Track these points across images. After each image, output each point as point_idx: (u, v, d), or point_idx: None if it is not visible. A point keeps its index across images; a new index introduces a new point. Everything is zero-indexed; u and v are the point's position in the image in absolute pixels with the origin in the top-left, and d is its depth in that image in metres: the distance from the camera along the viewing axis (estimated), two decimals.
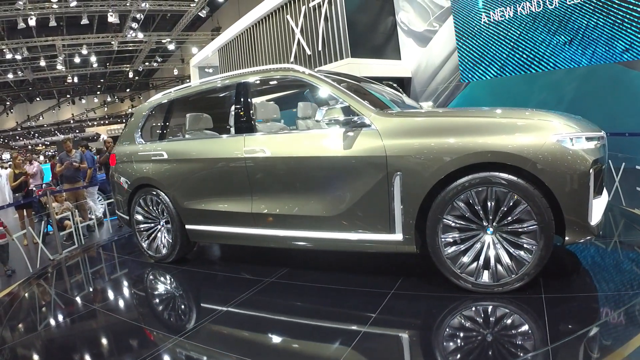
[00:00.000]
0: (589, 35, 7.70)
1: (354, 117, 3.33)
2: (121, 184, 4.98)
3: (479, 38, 9.47)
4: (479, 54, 9.53)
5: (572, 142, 2.77)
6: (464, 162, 2.88)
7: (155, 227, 4.76)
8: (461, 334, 2.61)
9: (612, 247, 3.82)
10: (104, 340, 3.30)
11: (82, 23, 19.54)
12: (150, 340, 3.08)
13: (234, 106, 4.20)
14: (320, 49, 11.28)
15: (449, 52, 10.30)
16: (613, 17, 7.35)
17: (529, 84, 8.70)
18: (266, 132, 4.02)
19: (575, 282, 3.12)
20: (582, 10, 7.72)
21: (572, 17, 7.87)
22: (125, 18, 21.65)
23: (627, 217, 4.72)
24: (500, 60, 9.19)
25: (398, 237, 3.19)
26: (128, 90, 41.27)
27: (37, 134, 43.10)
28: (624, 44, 7.25)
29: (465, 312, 2.82)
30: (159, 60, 32.23)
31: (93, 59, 26.41)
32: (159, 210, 4.65)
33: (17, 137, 43.18)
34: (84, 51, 24.19)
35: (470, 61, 9.73)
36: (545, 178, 2.73)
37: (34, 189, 9.76)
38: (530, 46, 8.62)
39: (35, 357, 3.14)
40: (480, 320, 2.74)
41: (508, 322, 2.66)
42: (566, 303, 2.72)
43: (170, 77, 36.28)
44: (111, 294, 4.23)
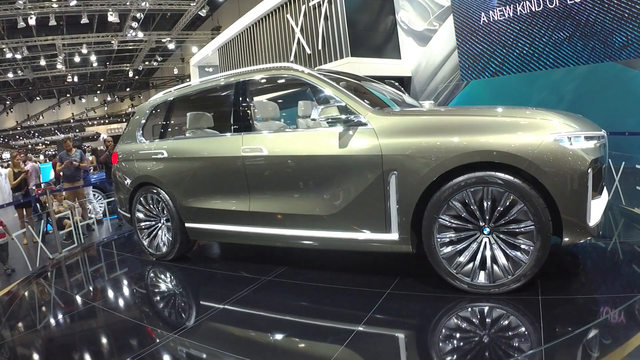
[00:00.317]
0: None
1: (350, 115, 3.32)
2: (123, 182, 5.01)
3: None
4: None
5: (570, 142, 2.73)
6: (459, 161, 2.85)
7: (156, 225, 4.79)
8: (455, 335, 2.59)
9: (612, 247, 3.81)
10: (100, 338, 3.31)
11: (82, 22, 19.49)
12: (146, 337, 3.09)
13: (233, 105, 4.20)
14: (320, 48, 11.29)
15: (449, 51, 10.30)
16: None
17: (529, 83, 8.70)
18: (264, 130, 4.03)
19: (573, 283, 3.08)
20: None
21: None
22: (125, 17, 21.62)
23: (627, 217, 4.72)
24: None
25: (394, 236, 3.18)
26: (128, 89, 41.22)
27: (37, 134, 43.06)
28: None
29: (460, 313, 2.80)
30: (159, 59, 32.20)
31: (93, 58, 26.38)
32: (160, 208, 4.68)
33: (17, 137, 43.17)
34: (84, 50, 24.16)
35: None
36: (542, 178, 2.70)
37: (33, 187, 9.78)
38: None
39: (35, 355, 3.14)
40: (474, 321, 2.71)
41: (503, 323, 2.63)
42: (563, 305, 2.69)
43: (170, 76, 36.24)
44: (109, 292, 4.23)
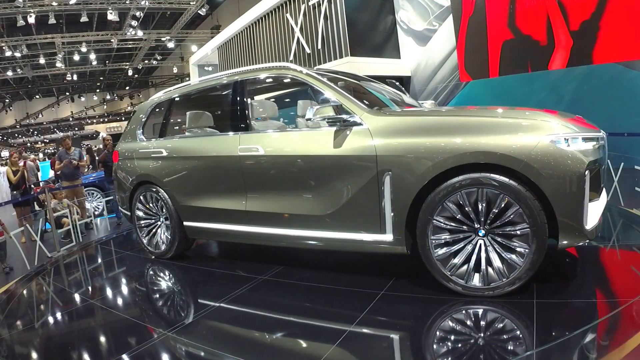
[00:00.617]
0: None
1: (345, 115, 3.31)
2: (123, 180, 5.05)
3: None
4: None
5: (567, 143, 2.69)
6: (454, 162, 2.83)
7: (155, 224, 4.81)
8: (446, 337, 2.58)
9: (610, 249, 3.80)
10: (96, 335, 3.33)
11: (81, 21, 19.47)
12: (141, 335, 3.09)
13: (231, 104, 4.21)
14: (319, 47, 11.28)
15: (449, 51, 10.30)
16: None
17: (529, 83, 8.70)
18: (261, 130, 4.03)
19: (569, 286, 3.05)
20: None
21: None
22: (125, 16, 21.60)
23: (625, 218, 4.71)
24: None
25: (388, 237, 3.16)
26: (127, 88, 41.21)
27: (36, 132, 43.03)
28: None
29: (453, 316, 2.77)
30: (158, 58, 32.16)
31: (92, 56, 26.35)
32: (159, 207, 4.70)
33: (16, 135, 43.15)
34: (84, 49, 24.15)
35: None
36: (537, 180, 2.66)
37: (32, 186, 9.78)
38: None
39: (32, 352, 3.14)
40: (467, 324, 2.69)
41: (495, 326, 2.60)
42: (558, 309, 2.66)
43: (169, 75, 36.25)
44: (107, 290, 4.23)
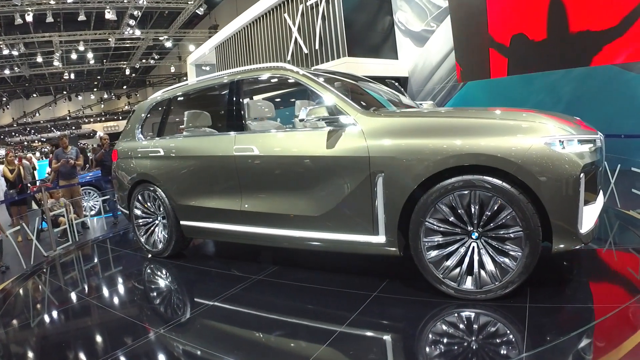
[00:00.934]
0: None
1: (338, 116, 3.30)
2: (121, 179, 5.07)
3: None
4: None
5: (562, 145, 2.66)
6: (446, 164, 2.81)
7: (153, 223, 4.82)
8: (436, 340, 2.57)
9: (607, 251, 3.80)
10: (90, 333, 3.35)
11: (79, 19, 19.42)
12: (134, 333, 3.11)
13: (227, 104, 4.21)
14: (317, 47, 11.27)
15: (446, 52, 10.30)
16: None
17: (527, 84, 8.71)
18: (257, 130, 4.03)
19: (564, 291, 3.03)
20: None
21: None
22: (123, 15, 21.57)
23: (622, 219, 4.73)
24: None
25: (381, 239, 3.15)
26: (125, 87, 41.12)
27: (33, 131, 42.89)
28: None
29: (444, 318, 2.77)
30: (156, 57, 32.10)
31: (90, 55, 26.31)
32: (156, 205, 4.71)
33: (13, 134, 43.02)
34: (81, 48, 24.11)
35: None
36: (531, 182, 2.63)
37: (28, 185, 9.75)
38: None
39: (28, 351, 3.15)
40: (458, 327, 2.68)
41: (486, 330, 2.59)
42: (550, 313, 2.64)
43: (167, 74, 36.19)
44: (103, 289, 4.23)
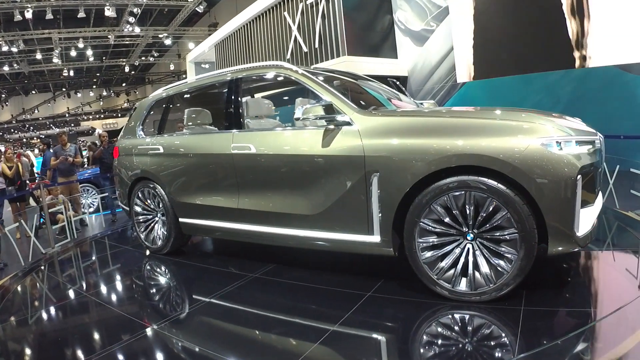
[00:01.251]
0: None
1: (335, 115, 3.28)
2: (122, 176, 5.10)
3: None
4: None
5: (560, 147, 2.63)
6: (441, 164, 2.79)
7: (153, 219, 4.85)
8: (426, 341, 2.56)
9: (605, 253, 3.79)
10: (86, 329, 3.36)
11: (79, 16, 19.43)
12: (131, 328, 3.13)
13: (225, 102, 4.22)
14: (317, 46, 11.28)
15: (446, 51, 10.31)
16: None
17: (526, 84, 8.72)
18: (255, 129, 4.03)
19: (560, 294, 2.98)
20: None
21: None
22: (122, 12, 21.54)
23: (620, 220, 4.72)
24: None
25: (376, 238, 3.13)
26: (124, 84, 41.11)
27: (32, 127, 42.86)
28: None
29: (437, 320, 2.75)
30: (155, 55, 32.10)
31: (89, 52, 26.32)
32: (156, 202, 4.73)
33: (12, 130, 42.96)
34: (81, 45, 24.12)
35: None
36: (527, 184, 2.60)
37: (27, 182, 9.74)
38: None
39: (25, 347, 3.15)
40: (450, 329, 2.66)
41: (479, 333, 2.57)
42: (545, 317, 2.61)
43: (166, 72, 36.17)
44: (101, 286, 4.24)
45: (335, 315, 2.90)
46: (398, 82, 5.28)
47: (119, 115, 41.54)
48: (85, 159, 13.21)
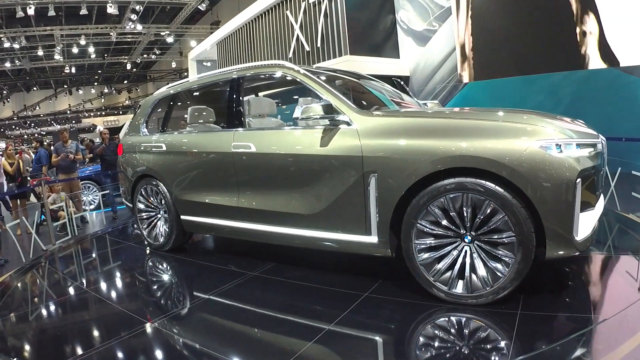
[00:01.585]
0: None
1: (334, 115, 3.27)
2: (126, 173, 5.14)
3: None
4: None
5: (559, 149, 2.59)
6: (437, 166, 2.77)
7: (155, 216, 4.88)
8: (419, 342, 2.55)
9: (606, 255, 3.77)
10: (85, 325, 3.38)
11: (81, 13, 19.42)
12: (129, 324, 3.14)
13: (227, 101, 4.22)
14: (319, 45, 11.28)
15: (448, 52, 10.31)
16: None
17: (527, 86, 8.71)
18: (255, 128, 4.04)
19: (558, 298, 2.94)
20: None
21: None
22: (125, 9, 21.53)
23: (622, 223, 4.70)
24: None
25: (373, 239, 3.13)
26: (125, 82, 41.08)
27: (33, 124, 42.88)
28: None
29: (431, 322, 2.73)
30: (157, 52, 32.07)
31: (91, 49, 26.28)
32: (158, 199, 4.76)
33: (13, 127, 42.99)
34: (82, 42, 24.05)
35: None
36: (524, 187, 2.56)
37: (28, 178, 9.75)
38: None
39: (26, 344, 3.15)
40: (444, 331, 2.64)
41: (473, 336, 2.55)
42: (541, 322, 2.58)
43: (168, 69, 36.14)
44: (101, 283, 4.25)
45: (331, 315, 2.90)
46: (402, 82, 5.27)
47: (120, 112, 41.51)
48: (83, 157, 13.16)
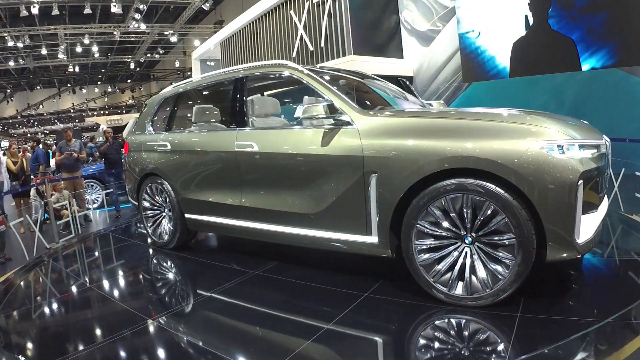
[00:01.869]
0: None
1: (336, 115, 3.26)
2: (132, 171, 5.18)
3: None
4: None
5: (561, 150, 2.55)
6: (438, 166, 2.75)
7: (160, 215, 4.91)
8: (416, 343, 2.55)
9: (609, 257, 3.75)
10: (87, 322, 3.40)
11: (84, 12, 19.47)
12: (131, 320, 3.15)
13: (231, 100, 4.23)
14: (322, 45, 11.28)
15: (452, 52, 10.30)
16: None
17: (531, 86, 8.70)
18: (258, 127, 4.04)
19: (559, 300, 2.91)
20: None
21: None
22: (128, 8, 21.59)
23: (625, 224, 4.69)
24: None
25: (373, 239, 3.11)
26: (129, 81, 41.20)
27: (36, 123, 43.00)
28: None
29: (430, 323, 2.72)
30: (160, 52, 32.15)
31: (95, 48, 26.35)
32: (163, 198, 4.78)
33: (17, 125, 43.12)
34: (86, 41, 24.14)
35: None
36: (525, 188, 2.53)
37: (31, 176, 9.78)
38: None
39: (29, 341, 3.16)
40: (442, 333, 2.63)
41: (471, 338, 2.53)
42: (540, 324, 2.54)
43: (171, 69, 36.24)
44: (104, 280, 4.24)
45: (330, 314, 2.90)
46: (407, 82, 5.27)
47: (124, 111, 41.66)
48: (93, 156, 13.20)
